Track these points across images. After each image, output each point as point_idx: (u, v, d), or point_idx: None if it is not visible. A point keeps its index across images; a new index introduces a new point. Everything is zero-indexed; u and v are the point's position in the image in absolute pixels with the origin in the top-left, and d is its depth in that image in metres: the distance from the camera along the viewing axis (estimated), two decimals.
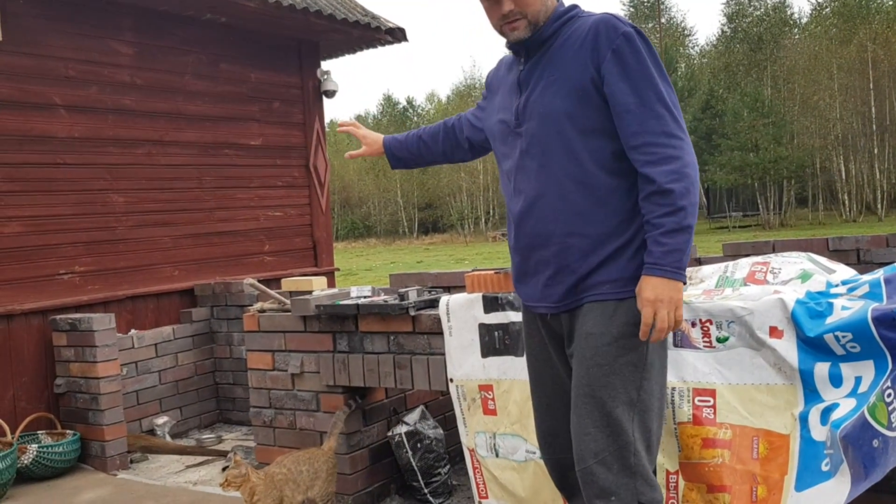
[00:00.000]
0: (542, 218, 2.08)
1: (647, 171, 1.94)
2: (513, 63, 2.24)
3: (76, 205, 5.27)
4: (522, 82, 2.13)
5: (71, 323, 4.78)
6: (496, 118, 2.24)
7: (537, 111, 2.06)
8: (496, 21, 2.10)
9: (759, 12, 47.15)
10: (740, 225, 40.47)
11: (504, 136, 2.19)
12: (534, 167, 2.08)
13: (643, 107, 1.94)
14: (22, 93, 5.03)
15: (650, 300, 1.93)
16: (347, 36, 7.06)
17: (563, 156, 2.03)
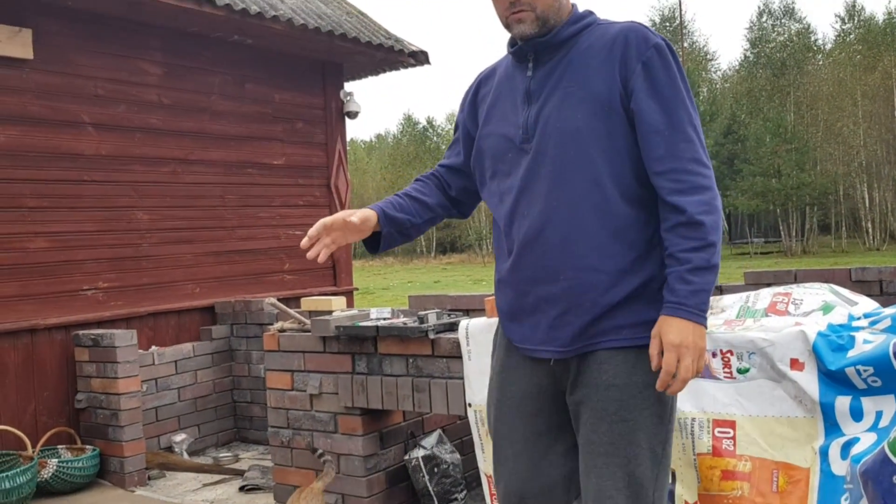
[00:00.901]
0: (551, 248, 1.81)
1: (675, 199, 1.73)
2: (514, 70, 1.94)
3: (101, 221, 5.34)
4: (532, 92, 1.86)
5: (93, 339, 4.84)
6: (493, 131, 1.93)
7: (554, 126, 1.80)
8: (503, 11, 1.85)
9: (782, 38, 47.06)
10: (762, 251, 40.16)
11: (502, 153, 1.90)
12: (544, 189, 1.81)
13: (673, 128, 1.75)
14: (51, 110, 5.13)
15: (675, 345, 1.68)
16: (371, 58, 7.14)
17: (581, 179, 1.77)
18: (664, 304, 1.74)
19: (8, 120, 4.91)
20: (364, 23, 7.21)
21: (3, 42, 4.87)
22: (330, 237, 1.93)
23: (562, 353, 1.85)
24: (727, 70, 53.15)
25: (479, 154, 1.99)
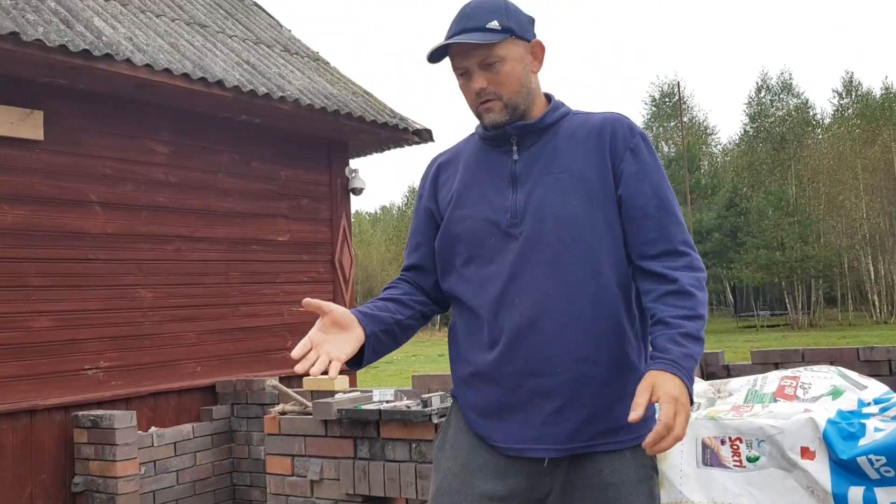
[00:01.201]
0: (548, 339, 1.72)
1: (667, 272, 1.71)
2: (489, 154, 1.86)
3: (105, 300, 5.34)
4: (519, 176, 1.80)
5: (93, 420, 4.78)
6: (470, 215, 1.82)
7: (548, 212, 1.75)
8: (472, 102, 1.83)
9: (781, 112, 47.80)
10: (768, 324, 39.91)
11: (483, 238, 1.79)
12: (539, 277, 1.73)
13: (664, 211, 1.75)
14: (59, 190, 5.19)
15: (674, 397, 1.55)
16: (376, 136, 7.25)
17: (580, 267, 1.73)
18: (656, 360, 1.63)
19: (17, 200, 4.97)
20: (369, 102, 7.35)
21: (15, 124, 4.96)
22: (324, 351, 1.69)
23: (559, 452, 1.73)
24: (727, 144, 53.92)
25: (450, 239, 1.85)
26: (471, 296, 1.80)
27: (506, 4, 1.79)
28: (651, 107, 51.67)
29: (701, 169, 46.11)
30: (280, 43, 7.54)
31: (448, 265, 1.87)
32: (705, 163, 49.17)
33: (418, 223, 1.98)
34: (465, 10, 1.79)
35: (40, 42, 4.59)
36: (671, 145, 49.87)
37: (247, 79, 5.93)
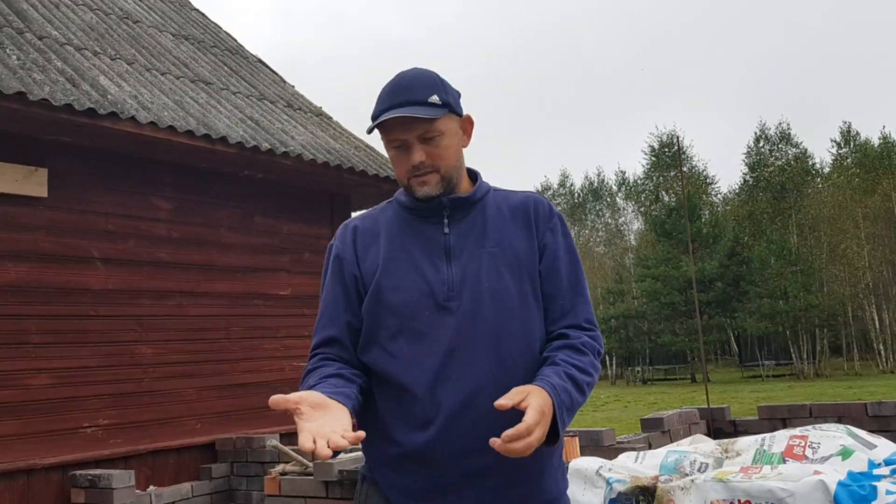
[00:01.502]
0: (485, 415, 1.64)
1: (569, 332, 1.77)
2: (415, 224, 1.82)
3: (105, 356, 5.31)
4: (452, 248, 1.78)
5: (91, 479, 4.70)
6: (402, 286, 1.75)
7: (483, 286, 1.73)
8: (404, 172, 1.78)
9: (780, 162, 48.15)
10: (773, 374, 39.59)
11: (416, 311, 1.73)
12: (478, 352, 1.70)
13: (574, 290, 1.81)
14: (62, 246, 5.19)
15: (542, 412, 1.53)
16: (377, 189, 7.29)
17: (515, 341, 1.72)
18: (536, 380, 1.63)
19: (19, 256, 4.97)
20: (371, 156, 7.41)
21: (20, 181, 4.99)
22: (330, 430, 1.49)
23: None
24: (728, 193, 54.19)
25: (380, 310, 1.74)
26: (400, 371, 1.70)
27: (441, 79, 1.81)
28: (650, 157, 52.09)
29: (702, 218, 46.24)
30: (283, 99, 7.63)
31: (372, 338, 1.75)
32: (706, 212, 49.33)
33: (340, 291, 1.80)
34: (402, 82, 1.77)
35: (46, 101, 4.65)
36: (671, 195, 50.13)
37: (250, 135, 5.98)
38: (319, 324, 1.80)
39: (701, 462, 3.14)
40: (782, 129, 49.12)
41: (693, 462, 3.16)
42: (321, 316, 1.81)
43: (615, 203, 54.60)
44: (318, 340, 1.77)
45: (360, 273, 1.78)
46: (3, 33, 5.36)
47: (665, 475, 3.05)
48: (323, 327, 1.79)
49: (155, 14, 8.01)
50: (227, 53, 8.09)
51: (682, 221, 41.89)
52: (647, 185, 52.53)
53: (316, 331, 1.80)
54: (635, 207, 53.40)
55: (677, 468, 3.15)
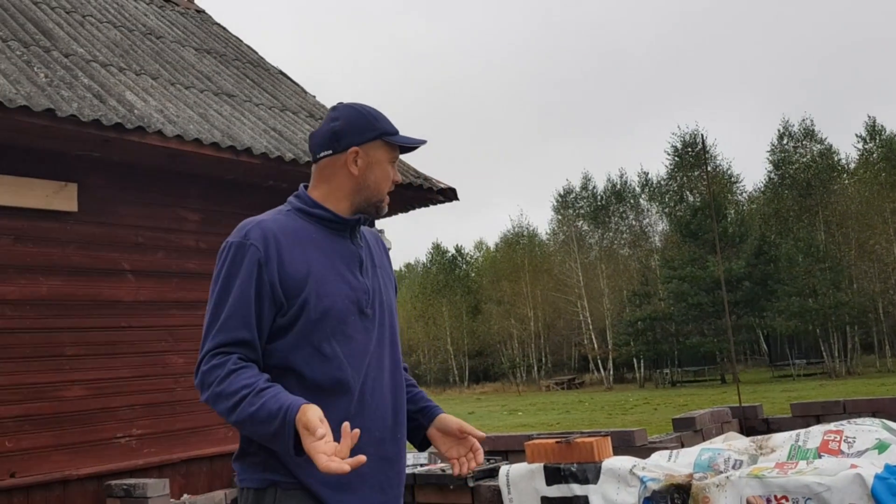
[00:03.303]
0: (390, 409, 1.93)
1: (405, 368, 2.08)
2: (330, 236, 1.93)
3: (137, 367, 5.37)
4: (364, 263, 1.95)
5: (126, 489, 4.76)
6: (334, 292, 1.86)
7: (384, 299, 1.97)
8: (386, 188, 1.98)
9: (805, 159, 47.59)
10: (805, 373, 39.06)
11: (346, 316, 1.86)
12: (383, 355, 1.94)
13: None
14: (93, 260, 5.27)
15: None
16: (401, 196, 7.31)
17: (398, 349, 2.03)
18: (436, 407, 2.05)
19: (51, 270, 5.06)
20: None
21: (50, 196, 5.08)
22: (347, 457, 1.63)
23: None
24: (753, 191, 53.63)
25: (317, 314, 1.82)
26: (335, 370, 1.82)
27: None
28: (673, 157, 51.72)
29: (727, 217, 45.82)
30: (305, 109, 7.69)
31: (303, 340, 1.82)
32: (731, 211, 48.87)
33: (254, 294, 1.80)
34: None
35: (75, 117, 4.73)
36: (696, 195, 49.74)
37: (274, 145, 6.04)
38: (228, 322, 1.78)
39: (735, 459, 3.11)
40: (806, 125, 48.55)
41: (727, 459, 3.13)
42: (230, 315, 1.79)
43: (639, 205, 54.22)
44: (230, 339, 1.77)
45: (278, 280, 1.81)
46: (30, 52, 5.46)
47: (699, 473, 3.03)
48: (234, 327, 1.78)
49: (177, 29, 8.12)
50: (248, 66, 8.18)
51: (708, 221, 41.55)
52: (671, 185, 52.12)
53: (221, 327, 1.78)
54: (659, 208, 52.97)
55: (711, 466, 3.13)
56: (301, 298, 1.81)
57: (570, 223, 53.60)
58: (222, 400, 1.72)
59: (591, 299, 48.23)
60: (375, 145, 1.93)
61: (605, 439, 3.28)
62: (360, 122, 1.93)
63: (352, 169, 1.92)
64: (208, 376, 1.75)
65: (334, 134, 1.94)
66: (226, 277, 1.82)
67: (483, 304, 56.40)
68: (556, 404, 28.36)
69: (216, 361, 1.76)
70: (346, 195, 1.94)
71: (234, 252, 1.84)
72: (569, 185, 59.78)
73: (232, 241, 1.88)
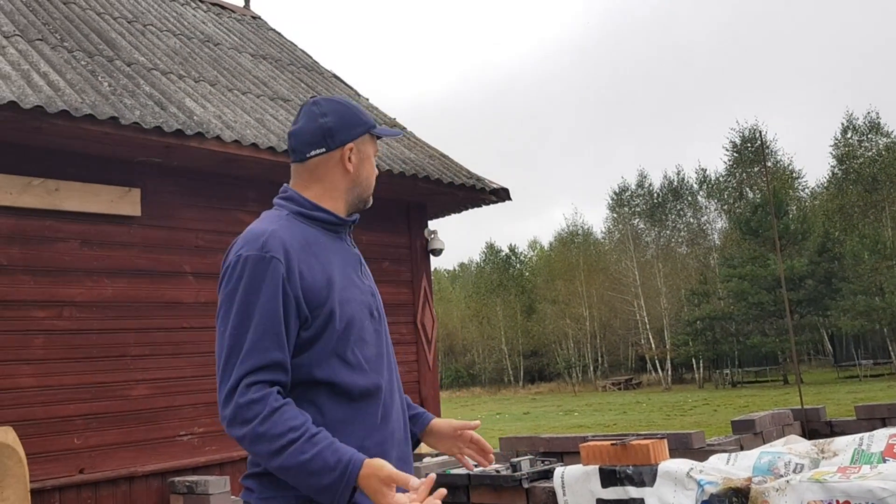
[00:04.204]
0: (401, 411, 1.91)
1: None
2: (333, 240, 1.86)
3: (199, 367, 5.51)
4: (362, 264, 1.92)
5: (188, 486, 4.88)
6: (352, 298, 1.81)
7: (380, 300, 1.93)
8: (372, 183, 1.93)
9: (870, 153, 46.16)
10: (871, 374, 37.84)
11: (363, 320, 1.82)
12: (390, 354, 1.91)
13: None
14: (155, 262, 5.42)
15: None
16: (453, 197, 7.34)
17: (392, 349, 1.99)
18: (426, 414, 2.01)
19: (116, 273, 5.22)
20: (446, 164, 7.47)
21: (115, 201, 5.24)
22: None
23: None
24: (815, 187, 52.22)
25: (342, 323, 1.76)
26: (360, 378, 1.77)
27: None
28: (732, 153, 50.68)
29: (789, 214, 44.67)
30: None
31: (328, 352, 1.74)
32: (793, 208, 47.64)
33: (283, 311, 1.68)
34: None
35: (137, 125, 4.87)
36: (756, 191, 48.66)
37: None
38: (259, 343, 1.64)
39: (796, 463, 3.05)
40: (871, 118, 47.06)
41: (788, 463, 3.07)
42: (260, 335, 1.65)
43: (696, 202, 53.27)
44: (264, 362, 1.64)
45: (301, 293, 1.71)
46: (94, 61, 5.64)
47: (758, 476, 2.98)
48: (266, 348, 1.65)
49: (234, 36, 8.29)
50: (303, 70, 8.30)
51: (769, 218, 40.60)
52: (730, 182, 51.08)
53: (252, 349, 1.64)
54: (718, 205, 51.95)
55: (771, 469, 3.07)
56: (326, 309, 1.72)
57: (626, 221, 52.97)
58: (264, 442, 1.61)
59: (647, 298, 47.58)
60: (364, 140, 1.86)
61: (661, 441, 3.24)
62: (350, 117, 1.85)
63: (347, 166, 1.84)
64: (247, 411, 1.61)
65: (327, 131, 1.84)
66: (246, 294, 1.67)
67: (537, 304, 56.11)
68: (612, 405, 28.07)
69: (255, 395, 1.61)
70: (340, 194, 1.86)
71: (254, 266, 1.69)
72: (624, 182, 59.18)
73: (247, 253, 1.70)
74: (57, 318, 4.96)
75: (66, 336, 4.98)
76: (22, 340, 4.81)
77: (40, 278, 4.93)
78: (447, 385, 54.78)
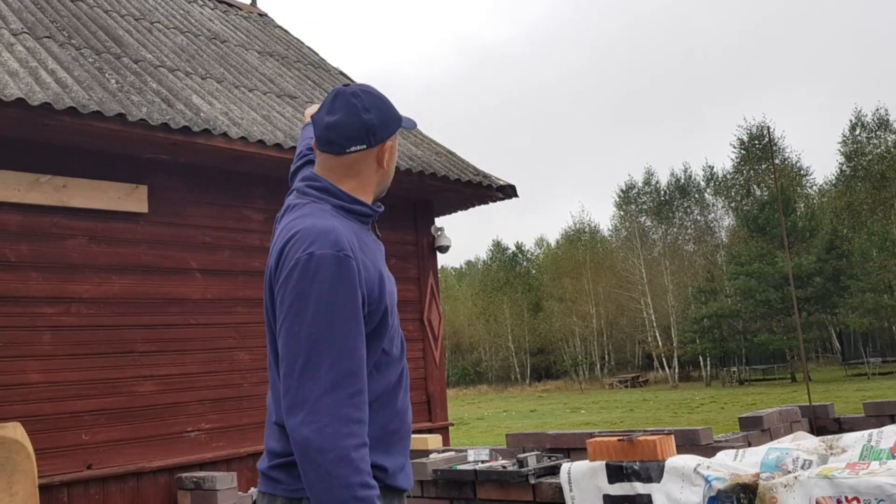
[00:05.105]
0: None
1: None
2: (363, 231, 1.85)
3: (206, 363, 5.52)
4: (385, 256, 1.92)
5: (195, 482, 4.90)
6: (392, 289, 1.83)
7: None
8: (391, 175, 1.93)
9: (879, 150, 45.95)
10: (880, 372, 37.69)
11: (396, 311, 1.85)
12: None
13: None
14: (162, 259, 5.44)
15: None
16: (460, 194, 7.33)
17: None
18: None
19: (123, 269, 5.23)
20: (453, 161, 7.46)
21: (122, 198, 5.26)
22: None
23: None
24: (823, 184, 52.02)
25: (393, 317, 1.79)
26: (396, 367, 1.82)
27: None
28: (740, 150, 50.52)
29: (797, 212, 44.53)
30: None
31: (376, 346, 1.74)
32: (801, 205, 47.48)
33: (360, 330, 1.65)
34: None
35: (144, 121, 4.88)
36: (763, 188, 48.49)
37: None
38: (349, 343, 1.60)
39: (804, 459, 3.04)
40: (880, 114, 46.83)
41: (796, 459, 3.06)
42: (347, 335, 1.61)
43: (704, 199, 53.13)
44: (357, 366, 1.61)
45: (366, 291, 1.69)
46: (102, 59, 5.66)
47: (766, 472, 2.97)
48: (356, 348, 1.62)
49: (241, 33, 8.30)
50: (310, 68, 8.31)
51: (776, 216, 40.46)
52: (738, 179, 50.93)
53: (344, 348, 1.59)
54: (725, 203, 51.82)
55: (779, 465, 3.06)
56: (382, 306, 1.72)
57: (633, 219, 52.87)
58: (348, 468, 1.53)
59: (654, 296, 47.50)
60: (395, 135, 1.87)
61: (668, 437, 3.23)
62: (389, 115, 1.84)
63: (383, 163, 1.85)
64: (344, 426, 1.55)
65: (370, 128, 1.80)
66: (327, 295, 1.60)
67: (544, 302, 56.07)
68: (619, 402, 28.04)
69: (356, 414, 1.58)
70: (371, 188, 1.86)
71: (335, 266, 1.62)
72: (631, 180, 59.01)
73: (321, 252, 1.63)
74: (65, 314, 4.98)
75: (73, 332, 5.00)
76: (30, 337, 4.83)
77: (48, 275, 4.95)
78: (454, 383, 54.75)
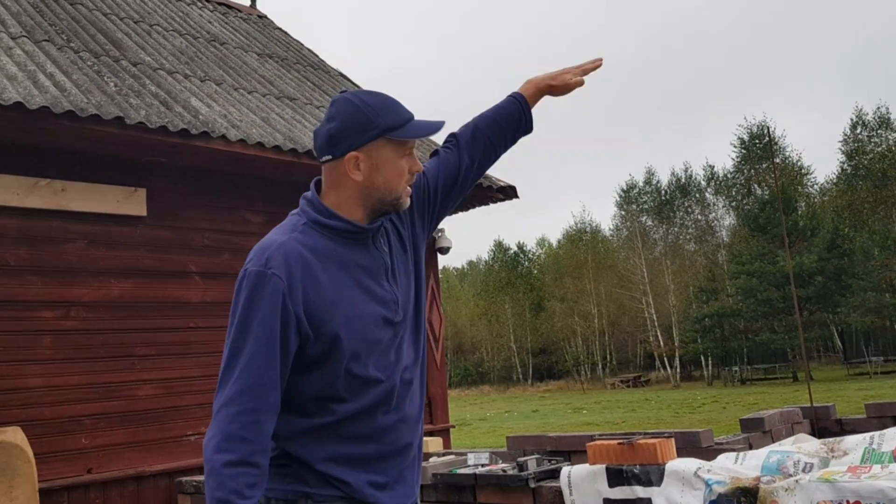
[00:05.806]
0: (415, 407, 1.83)
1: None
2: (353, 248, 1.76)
3: (205, 367, 5.50)
4: (391, 267, 1.81)
5: (195, 485, 4.88)
6: (362, 313, 1.71)
7: (410, 297, 1.83)
8: (403, 180, 1.76)
9: (880, 149, 45.91)
10: (882, 371, 37.65)
11: (376, 330, 1.73)
12: (413, 359, 1.83)
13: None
14: (162, 262, 5.43)
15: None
16: None
17: (422, 332, 1.88)
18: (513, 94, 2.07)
19: (122, 273, 5.22)
20: None
21: (121, 201, 5.25)
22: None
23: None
24: (825, 183, 51.97)
25: (356, 342, 1.70)
26: (369, 387, 1.72)
27: None
28: (740, 149, 50.47)
29: (798, 211, 44.48)
30: None
31: (337, 370, 1.69)
32: (802, 204, 47.44)
33: (280, 330, 1.63)
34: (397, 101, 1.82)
35: (143, 124, 4.87)
36: (764, 188, 48.45)
37: None
38: (250, 367, 1.61)
39: (805, 462, 3.02)
40: (881, 113, 46.80)
41: (797, 462, 3.04)
42: (252, 358, 1.62)
43: (704, 199, 53.10)
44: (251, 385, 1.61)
45: (303, 311, 1.65)
46: (100, 62, 5.65)
47: (767, 476, 2.95)
48: (256, 373, 1.62)
49: (240, 35, 8.29)
50: (309, 69, 8.30)
51: (777, 215, 40.42)
52: (738, 178, 50.89)
53: (242, 373, 1.61)
54: (726, 202, 51.78)
55: (780, 469, 3.04)
56: (331, 332, 1.66)
57: (634, 218, 52.84)
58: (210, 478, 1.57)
59: (656, 296, 47.47)
60: (378, 144, 1.69)
61: (668, 441, 3.22)
62: (358, 121, 1.69)
63: (354, 176, 1.71)
64: (218, 452, 1.56)
65: (331, 138, 1.72)
66: (245, 310, 1.64)
67: (546, 302, 56.05)
68: (621, 402, 28.02)
69: (242, 433, 1.57)
70: (357, 202, 1.74)
71: (255, 282, 1.64)
72: (632, 179, 59.01)
73: (251, 269, 1.67)
74: (64, 318, 4.97)
75: (73, 336, 4.99)
76: (30, 341, 4.82)
77: (47, 278, 4.94)
78: (456, 383, 54.74)
